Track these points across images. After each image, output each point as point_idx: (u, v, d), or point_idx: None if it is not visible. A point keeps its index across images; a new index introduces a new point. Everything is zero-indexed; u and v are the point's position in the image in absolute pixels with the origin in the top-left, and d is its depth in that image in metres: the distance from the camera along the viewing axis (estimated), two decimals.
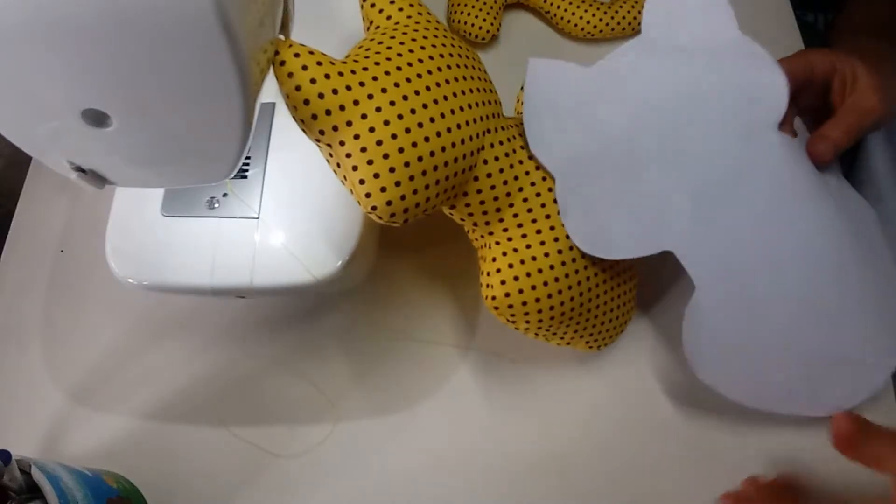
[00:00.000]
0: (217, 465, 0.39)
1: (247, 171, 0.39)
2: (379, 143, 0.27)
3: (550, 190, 0.33)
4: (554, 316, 0.33)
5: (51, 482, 0.30)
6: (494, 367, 0.41)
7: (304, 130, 0.28)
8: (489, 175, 0.31)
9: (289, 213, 0.38)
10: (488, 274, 0.32)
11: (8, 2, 0.20)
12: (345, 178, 0.29)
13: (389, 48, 0.29)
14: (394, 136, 0.27)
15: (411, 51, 0.29)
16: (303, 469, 0.39)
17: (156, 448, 0.40)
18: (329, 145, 0.28)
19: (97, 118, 0.24)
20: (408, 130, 0.27)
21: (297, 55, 0.27)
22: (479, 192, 0.31)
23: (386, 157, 0.27)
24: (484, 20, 0.49)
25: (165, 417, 0.41)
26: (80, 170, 0.28)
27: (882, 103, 0.36)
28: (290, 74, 0.26)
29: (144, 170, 0.29)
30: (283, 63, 0.26)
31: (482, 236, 0.33)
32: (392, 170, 0.27)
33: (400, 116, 0.27)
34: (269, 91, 0.27)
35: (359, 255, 0.37)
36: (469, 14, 0.49)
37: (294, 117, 0.28)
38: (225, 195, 0.38)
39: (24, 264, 0.46)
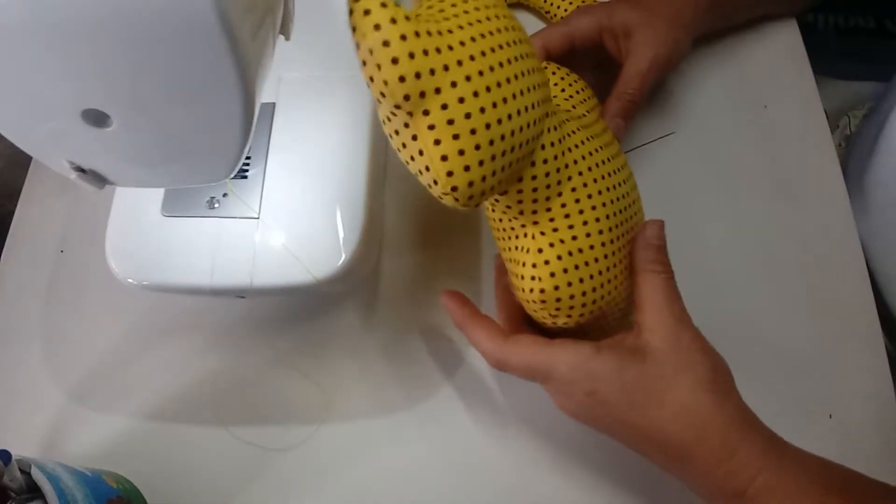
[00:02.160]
0: (217, 465, 0.39)
1: (247, 171, 0.39)
2: (467, 115, 0.25)
3: (596, 181, 0.31)
4: (594, 310, 0.32)
5: (51, 482, 0.30)
6: None
7: (379, 97, 0.25)
8: (545, 161, 0.29)
9: (289, 213, 0.38)
10: (534, 266, 0.30)
11: (9, 1, 0.20)
12: (420, 153, 0.26)
13: (460, 15, 0.26)
14: (482, 110, 0.25)
15: (483, 20, 0.26)
16: (303, 469, 0.39)
17: (156, 448, 0.40)
18: (410, 114, 0.25)
19: (97, 118, 0.24)
20: (494, 105, 0.25)
21: (383, 5, 0.23)
22: (533, 178, 0.29)
23: (473, 132, 0.25)
24: None
25: (165, 417, 0.41)
26: (80, 170, 0.28)
27: (659, 57, 0.38)
28: (377, 27, 0.23)
29: (144, 170, 0.29)
30: (367, 12, 0.23)
31: (523, 225, 0.31)
32: (478, 147, 0.25)
33: (488, 89, 0.25)
34: (270, 91, 0.27)
35: (359, 254, 0.37)
36: None
37: (372, 79, 0.24)
38: (225, 195, 0.38)
39: (25, 264, 0.46)
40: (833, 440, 0.38)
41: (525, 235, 0.32)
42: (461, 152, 0.25)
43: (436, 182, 0.26)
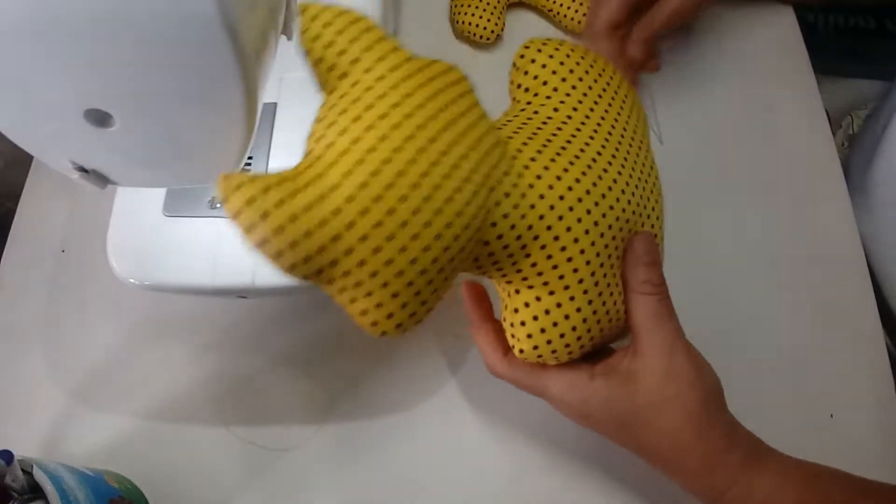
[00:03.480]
0: (218, 465, 0.39)
1: (249, 171, 0.39)
2: (374, 274, 0.23)
3: (570, 229, 0.28)
4: (584, 349, 0.31)
5: (53, 482, 0.30)
6: None
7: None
8: (500, 237, 0.27)
9: None
10: (512, 325, 0.30)
11: (10, 1, 0.20)
12: (343, 305, 0.25)
13: (362, 138, 0.23)
14: (389, 262, 0.23)
15: (390, 131, 0.23)
16: (304, 469, 0.39)
17: (157, 448, 0.40)
18: (317, 282, 0.24)
19: (100, 118, 0.24)
20: (403, 249, 0.23)
21: (249, 201, 0.22)
22: (490, 254, 0.27)
23: (386, 285, 0.23)
24: (488, 21, 0.49)
25: (166, 417, 0.41)
26: (82, 169, 0.28)
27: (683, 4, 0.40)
28: (250, 228, 0.22)
29: (146, 170, 0.29)
30: (237, 214, 0.22)
31: (499, 280, 0.30)
32: (395, 295, 0.24)
33: (391, 237, 0.23)
34: (271, 91, 0.27)
35: None
36: (473, 15, 0.49)
37: (271, 262, 0.23)
38: None
39: (25, 264, 0.46)
40: (833, 440, 0.38)
41: (503, 289, 0.31)
42: (379, 305, 0.24)
43: (363, 328, 0.25)
